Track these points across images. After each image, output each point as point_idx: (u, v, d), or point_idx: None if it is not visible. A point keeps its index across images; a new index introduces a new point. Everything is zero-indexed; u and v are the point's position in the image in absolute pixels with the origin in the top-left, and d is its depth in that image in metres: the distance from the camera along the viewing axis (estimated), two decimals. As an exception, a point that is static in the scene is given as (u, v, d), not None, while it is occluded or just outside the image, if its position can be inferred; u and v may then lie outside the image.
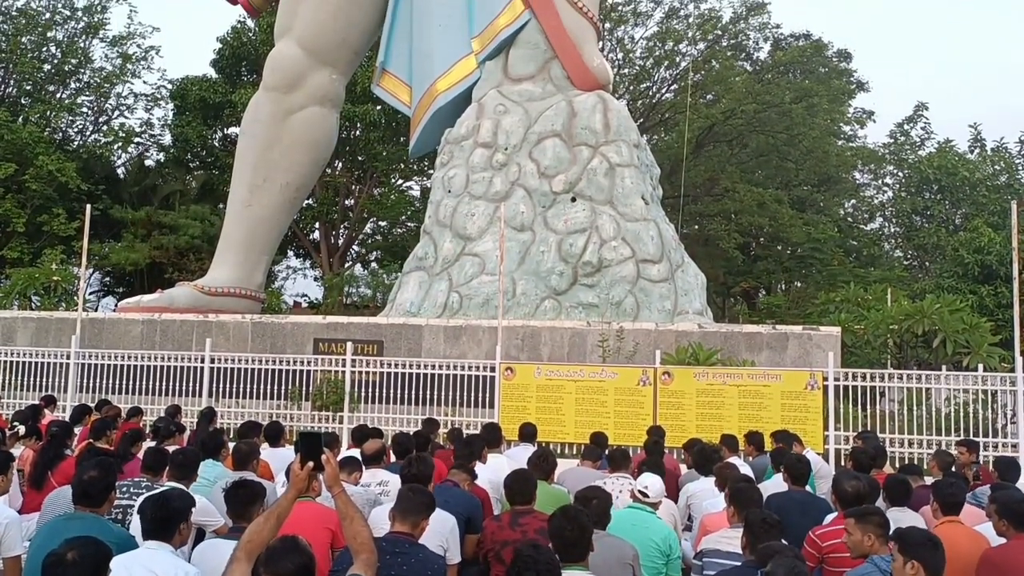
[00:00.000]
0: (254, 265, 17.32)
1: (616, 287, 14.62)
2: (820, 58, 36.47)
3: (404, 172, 34.45)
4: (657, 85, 35.48)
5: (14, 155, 27.43)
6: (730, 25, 35.47)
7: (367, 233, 36.29)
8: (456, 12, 16.41)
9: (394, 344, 14.27)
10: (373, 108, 28.89)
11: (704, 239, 32.81)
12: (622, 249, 14.77)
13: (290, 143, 16.88)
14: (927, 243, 33.52)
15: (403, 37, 16.98)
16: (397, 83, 17.15)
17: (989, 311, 22.85)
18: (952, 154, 35.04)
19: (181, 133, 31.46)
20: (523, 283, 14.96)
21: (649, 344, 13.19)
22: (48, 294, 19.94)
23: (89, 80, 32.24)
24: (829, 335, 13.22)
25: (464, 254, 15.43)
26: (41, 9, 31.01)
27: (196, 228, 28.63)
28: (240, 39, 31.14)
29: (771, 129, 33.29)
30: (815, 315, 21.46)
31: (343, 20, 16.70)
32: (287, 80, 16.69)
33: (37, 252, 26.69)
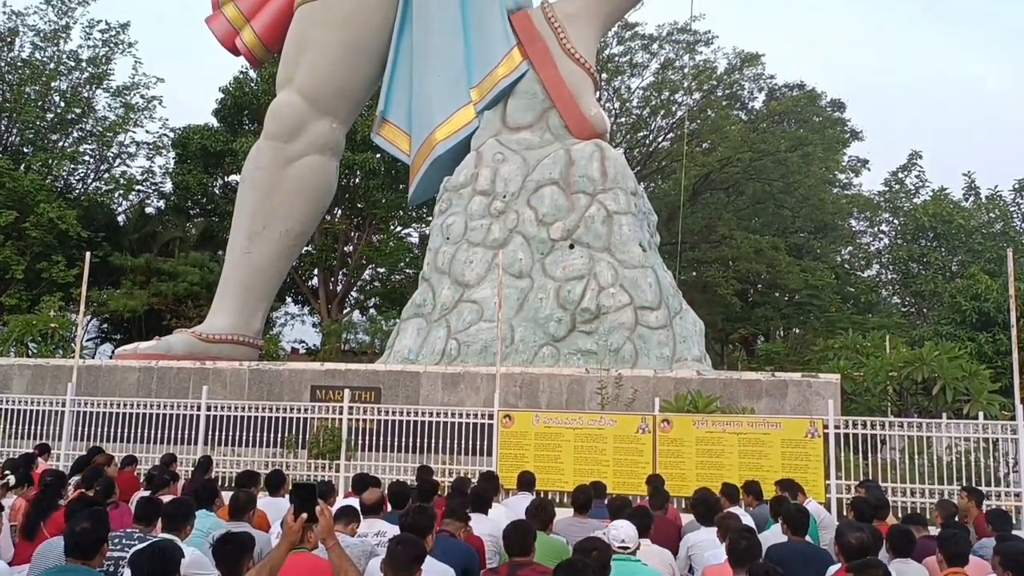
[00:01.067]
0: (252, 312, 17.31)
1: (614, 334, 14.61)
2: (814, 108, 37.00)
3: (403, 219, 34.68)
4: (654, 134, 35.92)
5: (15, 203, 27.60)
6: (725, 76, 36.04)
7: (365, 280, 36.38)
8: (455, 63, 16.67)
9: (392, 391, 14.20)
10: (373, 156, 29.19)
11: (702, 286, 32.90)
12: (620, 296, 14.79)
13: (290, 191, 16.99)
14: (924, 290, 33.60)
15: (403, 87, 17.22)
16: (397, 132, 17.34)
17: (988, 358, 22.80)
18: (947, 202, 35.33)
19: (182, 181, 31.72)
20: (521, 330, 14.95)
21: (648, 391, 13.13)
22: (45, 341, 19.88)
23: (92, 129, 32.61)
24: (829, 382, 13.17)
25: (462, 301, 15.44)
26: (46, 60, 31.47)
27: (195, 275, 28.71)
28: (242, 89, 31.59)
29: (767, 177, 33.63)
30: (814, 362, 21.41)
31: (344, 71, 16.94)
32: (288, 129, 16.87)
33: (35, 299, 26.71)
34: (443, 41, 16.65)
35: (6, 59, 30.69)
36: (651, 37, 34.29)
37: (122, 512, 6.68)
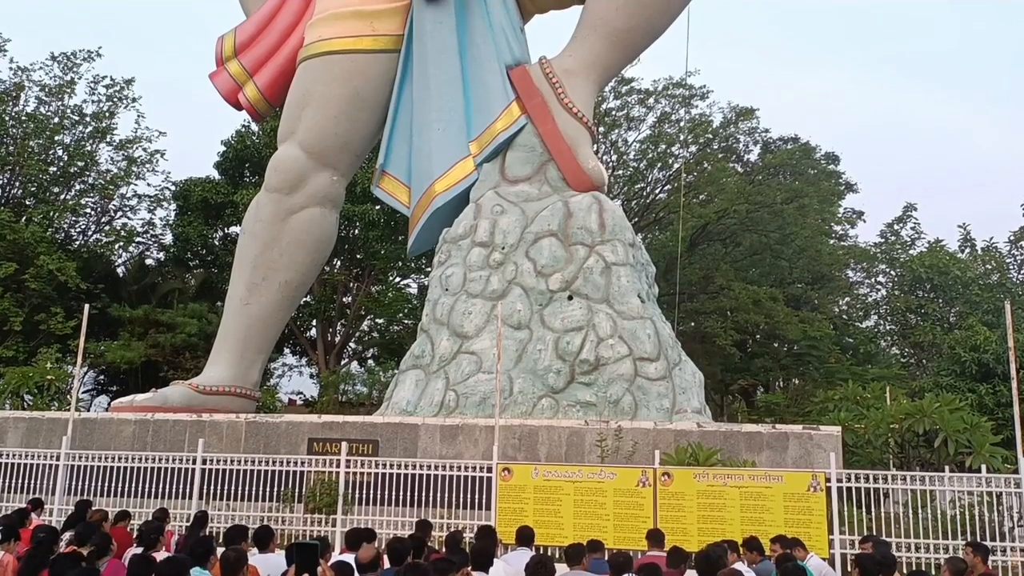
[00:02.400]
0: (250, 363, 17.25)
1: (614, 385, 14.54)
2: (809, 160, 37.46)
3: (402, 270, 34.78)
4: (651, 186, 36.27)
5: (15, 254, 27.69)
6: (720, 129, 36.56)
7: (364, 331, 36.32)
8: (454, 117, 16.90)
9: (390, 444, 14.08)
10: (372, 207, 29.39)
11: (701, 336, 32.87)
12: (619, 347, 14.76)
13: (290, 242, 17.08)
14: (923, 341, 33.58)
15: (403, 140, 17.43)
16: (396, 184, 17.49)
17: (989, 410, 22.69)
18: (943, 253, 35.53)
19: (182, 232, 31.87)
20: (520, 381, 14.88)
21: (648, 443, 13.03)
22: (41, 393, 19.77)
23: (94, 182, 32.86)
24: (830, 435, 13.08)
25: (461, 352, 15.41)
26: (50, 114, 31.87)
27: (193, 326, 28.66)
28: (244, 142, 31.94)
29: (763, 228, 33.88)
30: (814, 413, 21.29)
31: (345, 124, 17.16)
32: (289, 181, 17.02)
33: (33, 351, 26.62)
34: (443, 95, 16.91)
35: (11, 114, 31.07)
36: (647, 91, 34.85)
37: (116, 569, 6.56)
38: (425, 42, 16.93)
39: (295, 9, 17.89)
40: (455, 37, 16.93)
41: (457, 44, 16.96)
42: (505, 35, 16.87)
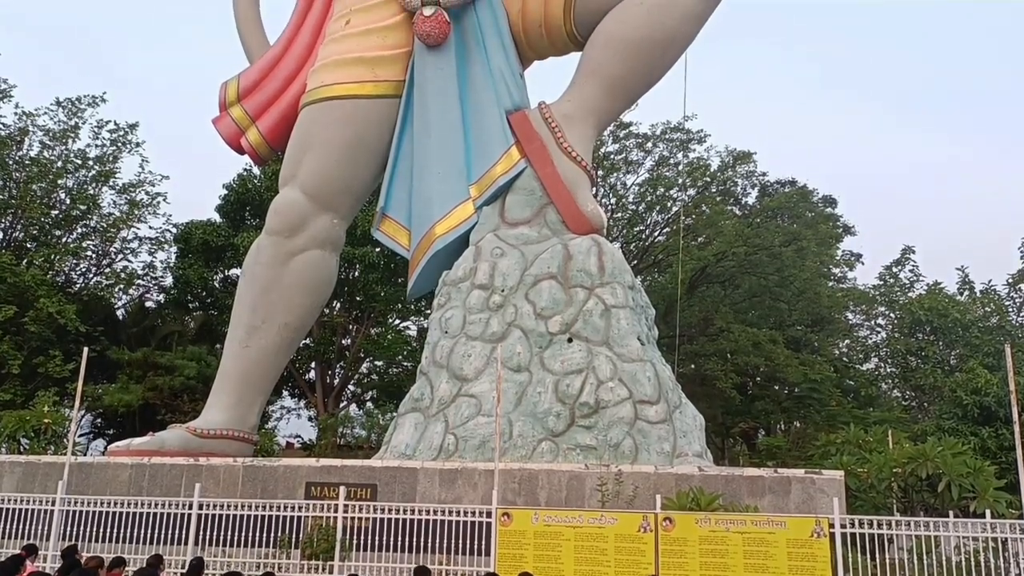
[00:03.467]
0: (248, 406, 17.17)
1: (614, 429, 14.46)
2: (806, 204, 37.75)
3: (402, 312, 34.81)
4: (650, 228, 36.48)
5: (15, 297, 27.71)
6: (718, 173, 36.90)
7: (363, 373, 36.22)
8: (454, 160, 17.06)
9: (388, 488, 13.94)
10: (372, 250, 29.51)
11: (701, 379, 32.78)
12: (619, 390, 14.71)
13: (290, 285, 17.11)
14: (924, 384, 33.49)
15: (403, 183, 17.56)
16: (396, 227, 17.58)
17: (992, 453, 22.55)
18: (942, 296, 35.61)
19: (183, 275, 31.96)
20: (520, 424, 14.80)
21: (649, 488, 12.91)
22: (38, 437, 19.65)
23: (96, 225, 33.04)
24: (833, 479, 12.96)
25: (461, 395, 15.34)
26: (53, 158, 32.15)
27: (192, 368, 28.60)
28: (245, 185, 32.20)
29: (762, 271, 33.99)
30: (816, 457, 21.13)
31: (346, 169, 17.30)
32: (289, 225, 17.11)
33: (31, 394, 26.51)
34: (443, 139, 17.08)
35: (14, 158, 31.34)
36: (645, 136, 35.25)
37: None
38: (426, 87, 17.16)
39: (298, 56, 18.17)
40: (455, 82, 17.17)
41: (457, 89, 17.18)
42: (505, 81, 17.10)
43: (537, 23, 17.16)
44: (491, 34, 17.18)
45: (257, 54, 18.68)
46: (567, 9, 16.80)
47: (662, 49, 16.63)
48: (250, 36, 18.90)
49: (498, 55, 17.18)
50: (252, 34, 18.91)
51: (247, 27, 18.96)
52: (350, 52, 17.18)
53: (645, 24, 16.27)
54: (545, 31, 17.23)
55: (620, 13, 16.38)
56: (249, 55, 18.85)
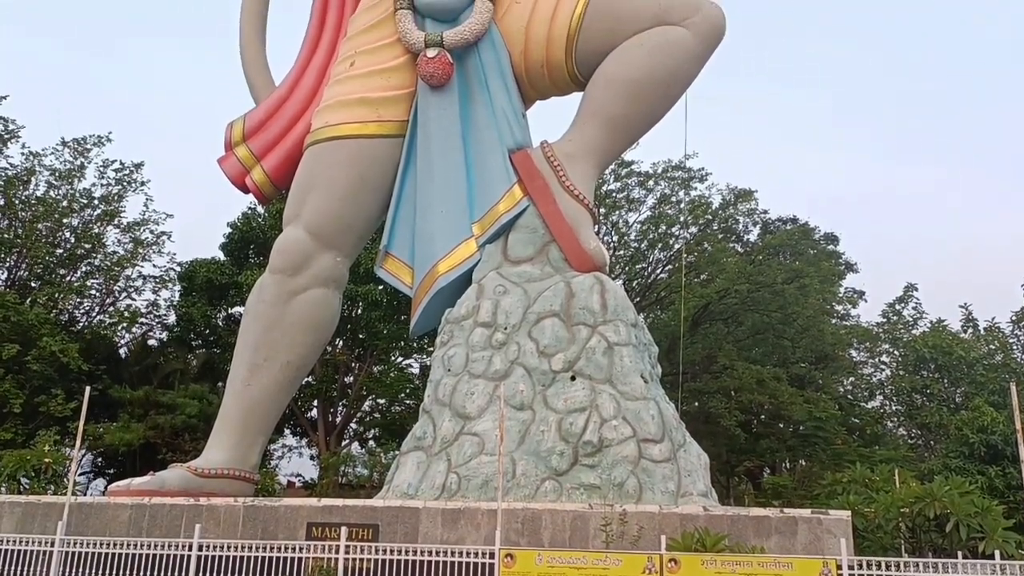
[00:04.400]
0: (250, 445, 17.07)
1: (618, 467, 14.34)
2: (808, 241, 37.87)
3: (404, 350, 34.75)
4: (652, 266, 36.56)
5: (18, 336, 27.72)
6: (720, 210, 37.07)
7: (365, 411, 36.08)
8: (457, 199, 17.16)
9: (390, 528, 13.80)
10: (375, 288, 29.56)
11: (705, 416, 32.59)
12: (623, 428, 14.61)
13: (293, 323, 17.11)
14: (930, 422, 33.28)
15: (406, 221, 17.64)
16: (399, 265, 17.63)
17: (999, 492, 22.32)
18: (946, 333, 35.53)
19: (186, 313, 32.00)
20: (523, 463, 14.68)
21: (653, 528, 12.76)
22: (38, 477, 19.52)
23: (100, 264, 33.16)
24: (839, 519, 12.81)
25: (463, 433, 15.25)
26: (59, 198, 32.37)
27: (194, 407, 28.51)
28: (249, 224, 32.37)
29: (765, 308, 33.97)
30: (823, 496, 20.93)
31: (350, 208, 17.40)
32: (293, 263, 17.16)
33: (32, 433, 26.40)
34: (446, 178, 17.20)
35: (20, 197, 31.58)
36: (647, 174, 35.48)
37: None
38: (429, 127, 17.33)
39: (303, 97, 18.39)
40: (458, 122, 17.34)
41: (460, 129, 17.34)
42: (507, 120, 17.27)
43: (539, 64, 17.38)
44: (494, 74, 17.39)
45: (263, 95, 18.91)
46: (569, 50, 17.02)
47: (663, 89, 16.81)
48: (256, 77, 19.16)
49: (501, 95, 17.37)
50: (258, 75, 19.17)
51: (253, 69, 19.22)
52: (355, 93, 17.38)
53: (646, 65, 16.47)
54: (547, 71, 17.44)
55: (621, 54, 16.59)
56: (255, 96, 19.08)
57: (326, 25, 18.95)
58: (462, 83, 17.36)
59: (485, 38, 17.29)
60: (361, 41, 17.76)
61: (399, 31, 17.30)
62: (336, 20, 18.86)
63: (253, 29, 19.36)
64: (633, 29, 16.57)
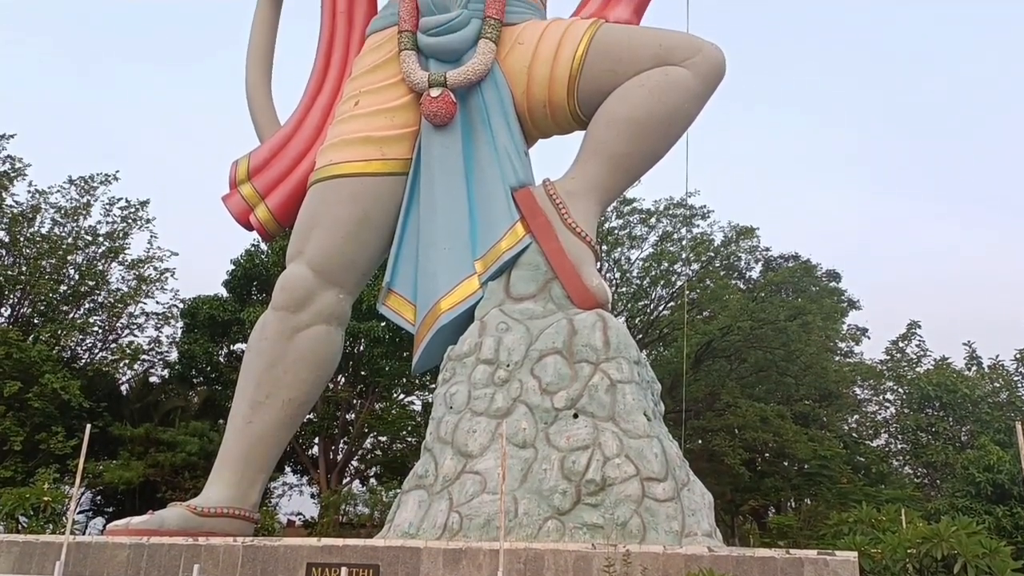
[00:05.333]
0: (250, 484, 16.94)
1: (621, 507, 14.20)
2: (810, 278, 37.92)
3: (406, 387, 34.65)
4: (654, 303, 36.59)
5: (20, 373, 27.70)
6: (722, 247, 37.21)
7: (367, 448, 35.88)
8: (460, 236, 17.23)
9: (391, 568, 13.64)
10: (377, 324, 29.57)
11: (709, 454, 32.36)
12: (626, 467, 14.50)
13: (295, 360, 17.08)
14: (935, 461, 33.03)
15: (409, 258, 17.70)
16: (402, 302, 17.65)
17: (1007, 533, 22.05)
18: (950, 371, 35.41)
19: (188, 350, 31.99)
20: (525, 502, 14.56)
21: (657, 569, 12.60)
22: (37, 515, 19.37)
23: (103, 300, 33.24)
24: (846, 560, 12.65)
25: (465, 472, 15.14)
26: (64, 235, 32.56)
27: (194, 444, 28.38)
28: (253, 261, 32.50)
29: (768, 345, 33.91)
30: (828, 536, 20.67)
31: (353, 245, 17.47)
32: (296, 300, 17.19)
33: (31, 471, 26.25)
34: (449, 216, 17.28)
35: (26, 234, 31.76)
36: (649, 211, 35.68)
37: None
38: (432, 165, 17.46)
39: (308, 135, 18.58)
40: (461, 160, 17.47)
41: (463, 167, 17.47)
42: (510, 158, 17.40)
43: (542, 103, 17.56)
44: (496, 114, 17.57)
45: (268, 133, 19.11)
46: (571, 90, 17.21)
47: (664, 128, 16.95)
48: (261, 117, 19.38)
49: (503, 134, 17.52)
50: (263, 115, 19.39)
51: (259, 109, 19.45)
52: (359, 132, 17.55)
53: (647, 104, 16.63)
54: (549, 111, 17.62)
55: (623, 94, 16.77)
56: (260, 135, 19.29)
57: (331, 65, 19.23)
58: (465, 122, 17.53)
59: (488, 78, 17.49)
60: (366, 81, 17.99)
61: (403, 71, 17.52)
62: (341, 60, 19.14)
63: (259, 70, 19.64)
64: (634, 70, 16.78)
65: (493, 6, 17.92)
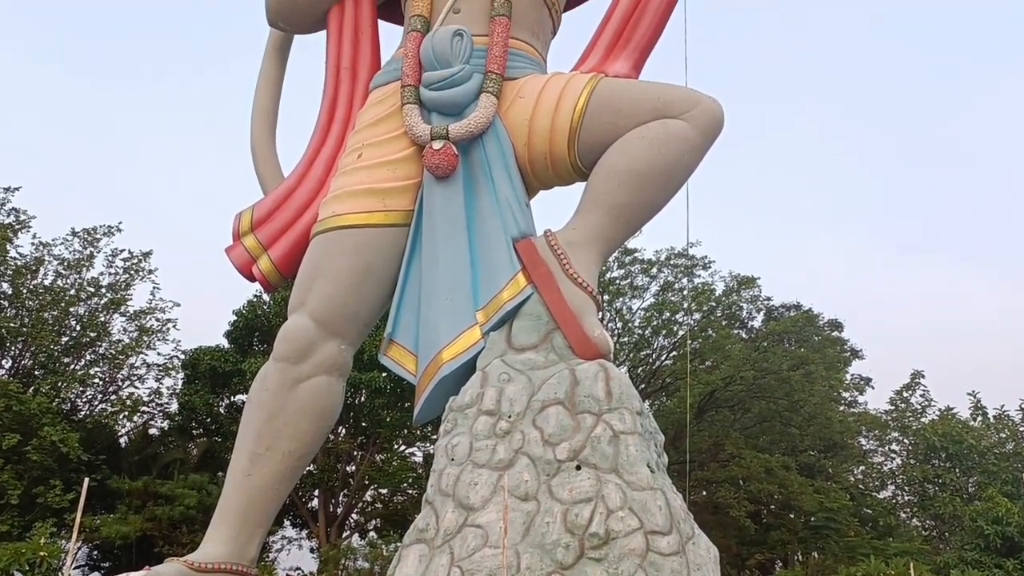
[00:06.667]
0: (249, 538, 16.64)
1: (625, 561, 13.95)
2: (813, 328, 37.91)
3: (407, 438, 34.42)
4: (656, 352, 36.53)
5: (20, 426, 27.56)
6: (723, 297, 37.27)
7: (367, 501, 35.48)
8: (462, 287, 17.24)
9: (391, 625, 13.38)
10: (379, 375, 29.49)
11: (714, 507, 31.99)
12: (629, 520, 14.28)
13: (296, 411, 16.94)
14: (943, 512, 32.62)
15: (411, 309, 17.68)
16: (403, 352, 17.57)
17: (1020, 586, 21.68)
18: (955, 421, 35.19)
19: (188, 401, 31.87)
20: (528, 556, 14.31)
21: (662, 625, 12.34)
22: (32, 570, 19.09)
23: (105, 352, 33.22)
24: (854, 614, 12.43)
25: (467, 525, 14.91)
26: (67, 286, 32.68)
27: (192, 498, 28.09)
28: (255, 311, 32.54)
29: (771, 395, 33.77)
30: (837, 591, 20.33)
31: (356, 296, 17.46)
32: (297, 351, 17.12)
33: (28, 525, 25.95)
34: (451, 267, 17.31)
35: (28, 286, 31.88)
36: (650, 262, 35.84)
37: None
38: (435, 217, 17.55)
39: (311, 187, 18.73)
40: (463, 211, 17.56)
41: (465, 218, 17.56)
42: (511, 209, 17.49)
43: (543, 155, 17.76)
44: (498, 166, 17.74)
45: (271, 187, 19.29)
46: (571, 142, 17.42)
47: (664, 180, 17.08)
48: (265, 169, 19.56)
49: (505, 185, 17.65)
50: (267, 168, 19.57)
51: (263, 162, 19.64)
52: (361, 184, 17.71)
53: (647, 156, 16.80)
54: (550, 162, 17.80)
55: (623, 146, 16.96)
56: (264, 188, 19.44)
57: (335, 118, 19.47)
58: (467, 174, 17.70)
59: (489, 131, 17.70)
60: (369, 134, 18.22)
61: (406, 124, 17.75)
62: (345, 113, 19.39)
63: (263, 124, 19.89)
64: (634, 122, 16.99)
65: (494, 61, 18.19)
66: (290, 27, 18.64)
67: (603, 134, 18.06)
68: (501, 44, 17.62)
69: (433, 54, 16.37)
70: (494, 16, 17.19)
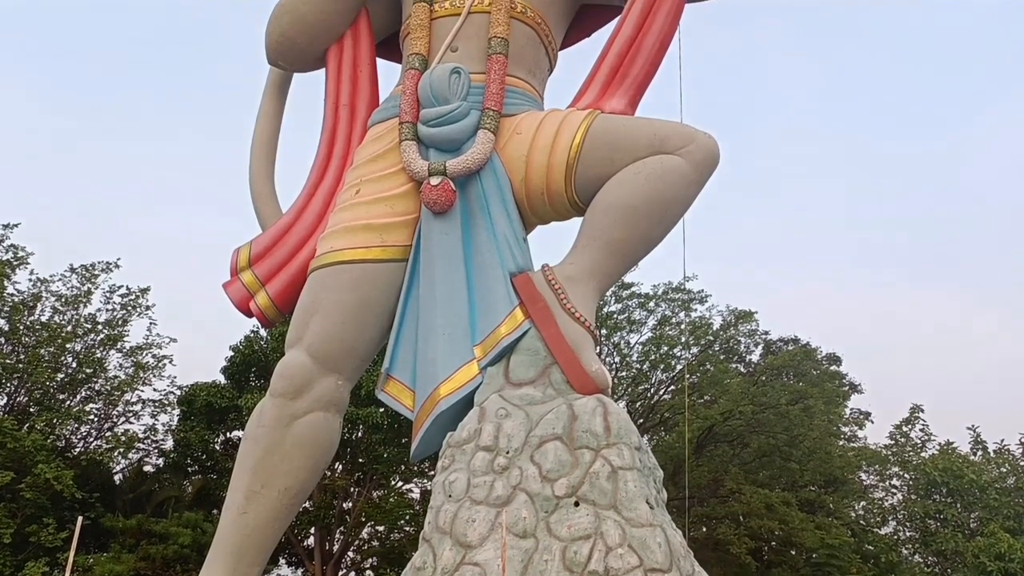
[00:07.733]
0: (244, 577, 16.46)
1: (625, 599, 13.80)
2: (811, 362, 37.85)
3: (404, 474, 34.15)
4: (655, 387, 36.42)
5: (14, 463, 27.32)
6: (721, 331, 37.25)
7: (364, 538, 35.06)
8: (459, 322, 17.21)
9: (387, 666, 13.16)
10: (376, 411, 29.34)
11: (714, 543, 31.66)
12: (629, 557, 14.13)
13: (292, 447, 16.82)
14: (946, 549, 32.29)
15: (408, 344, 17.63)
16: (400, 388, 17.50)
17: (1025, 623, 21.40)
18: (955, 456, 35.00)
19: (184, 438, 31.64)
20: (526, 595, 14.15)
21: (663, 664, 12.15)
22: (23, 611, 18.80)
23: (100, 388, 33.06)
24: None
25: (464, 563, 14.73)
26: (63, 323, 32.60)
27: (187, 536, 27.78)
28: (252, 347, 32.45)
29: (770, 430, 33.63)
30: (840, 630, 20.05)
31: (352, 331, 17.43)
32: (295, 386, 17.05)
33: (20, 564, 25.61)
34: (448, 302, 17.31)
35: (25, 323, 31.80)
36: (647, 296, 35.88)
37: None
38: (432, 252, 17.60)
39: (309, 223, 18.80)
40: (461, 247, 17.60)
41: (463, 253, 17.59)
42: (509, 244, 17.54)
43: (540, 191, 17.86)
44: (495, 201, 17.82)
45: (270, 222, 19.34)
46: (568, 177, 17.53)
47: (660, 215, 17.18)
48: (264, 205, 19.64)
49: (502, 220, 17.72)
50: (266, 204, 19.65)
51: (261, 197, 19.73)
52: (359, 219, 17.77)
53: (643, 191, 16.91)
54: (548, 198, 17.90)
55: (619, 181, 17.06)
56: (262, 224, 19.51)
57: (333, 154, 19.61)
58: (464, 209, 17.77)
59: (487, 167, 17.82)
60: (367, 170, 18.33)
61: (403, 160, 17.87)
62: (343, 150, 19.54)
63: (263, 160, 20.02)
64: (630, 157, 17.12)
65: (492, 98, 18.38)
66: (290, 65, 18.77)
67: (600, 170, 18.17)
68: (498, 81, 17.78)
69: (431, 91, 16.48)
70: (491, 54, 17.35)
